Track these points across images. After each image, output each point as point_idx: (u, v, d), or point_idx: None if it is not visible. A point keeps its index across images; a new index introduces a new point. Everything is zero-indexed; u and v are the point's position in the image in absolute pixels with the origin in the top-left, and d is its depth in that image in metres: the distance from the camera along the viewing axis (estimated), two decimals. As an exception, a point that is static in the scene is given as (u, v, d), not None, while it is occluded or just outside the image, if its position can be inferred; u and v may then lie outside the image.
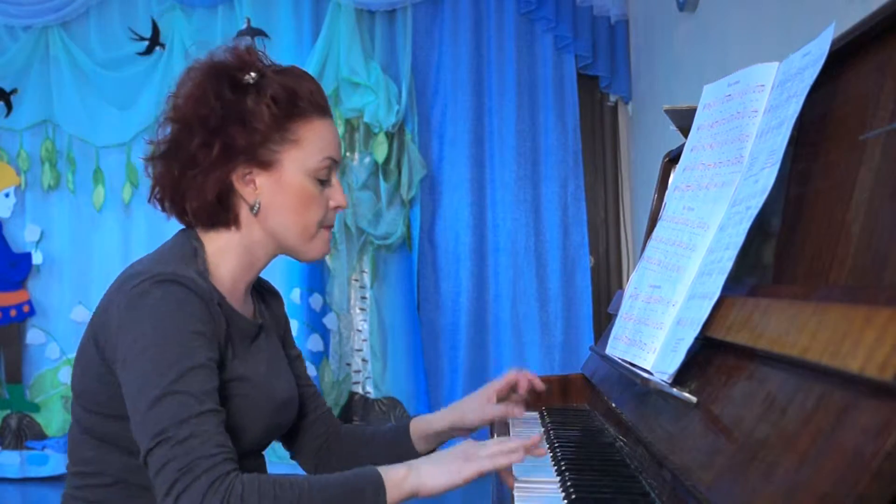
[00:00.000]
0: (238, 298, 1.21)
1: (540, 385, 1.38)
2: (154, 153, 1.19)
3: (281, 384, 1.25)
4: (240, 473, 0.99)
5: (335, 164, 1.21)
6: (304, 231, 1.19)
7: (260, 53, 1.21)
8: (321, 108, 1.20)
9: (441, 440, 1.38)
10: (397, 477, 1.03)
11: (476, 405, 1.35)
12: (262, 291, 1.35)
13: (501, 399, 1.37)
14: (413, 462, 1.07)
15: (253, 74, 1.16)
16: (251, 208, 1.17)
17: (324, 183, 1.20)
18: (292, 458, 1.44)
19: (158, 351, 1.02)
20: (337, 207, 1.22)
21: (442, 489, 1.05)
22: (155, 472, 0.98)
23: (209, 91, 1.14)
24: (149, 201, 1.22)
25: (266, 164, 1.16)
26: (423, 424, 1.37)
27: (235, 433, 1.09)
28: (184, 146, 1.16)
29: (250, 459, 1.22)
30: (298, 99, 1.17)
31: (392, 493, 1.02)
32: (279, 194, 1.17)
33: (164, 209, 1.22)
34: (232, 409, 1.10)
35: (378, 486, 1.02)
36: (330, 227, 1.23)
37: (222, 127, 1.14)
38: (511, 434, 1.42)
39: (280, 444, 1.43)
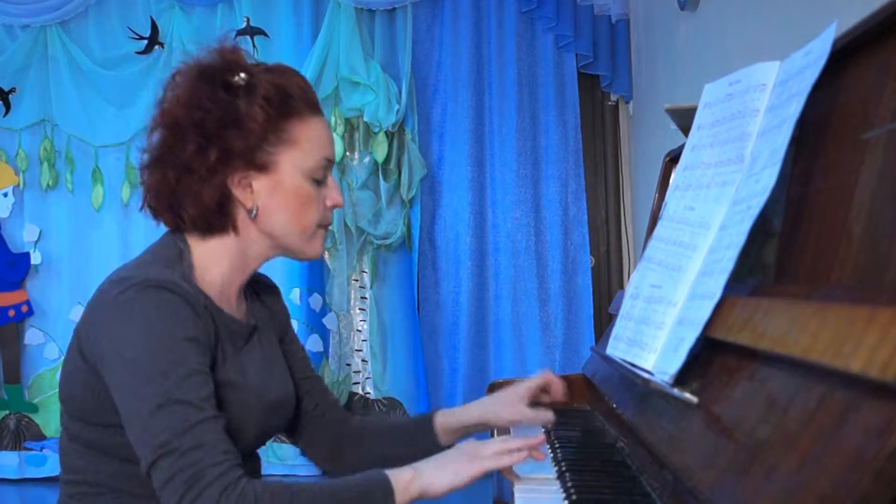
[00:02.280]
0: (229, 301, 1.19)
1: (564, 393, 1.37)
2: (147, 160, 1.16)
3: (274, 385, 1.23)
4: (250, 479, 0.98)
5: (330, 163, 1.20)
6: (303, 232, 1.18)
7: (244, 52, 1.18)
8: (314, 105, 1.18)
9: (467, 434, 1.36)
10: (404, 480, 1.04)
11: (510, 403, 1.34)
12: (257, 289, 1.33)
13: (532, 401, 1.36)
14: (417, 465, 1.07)
15: (242, 75, 1.13)
16: (249, 212, 1.15)
17: (319, 182, 1.18)
18: (302, 454, 1.42)
19: (151, 359, 1.01)
20: (334, 206, 1.21)
21: (446, 490, 1.05)
22: (161, 485, 0.97)
23: (201, 95, 1.12)
24: (141, 209, 1.20)
25: (263, 167, 1.14)
26: (449, 418, 1.35)
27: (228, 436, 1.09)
28: (178, 153, 1.12)
29: (245, 461, 1.21)
30: (290, 98, 1.14)
31: (400, 496, 1.03)
32: (277, 196, 1.15)
33: (156, 216, 1.19)
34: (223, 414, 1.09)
35: (387, 488, 1.02)
36: (328, 226, 1.22)
37: (218, 131, 1.11)
38: (512, 433, 1.41)
39: (279, 445, 1.43)
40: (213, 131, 1.11)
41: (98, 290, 1.11)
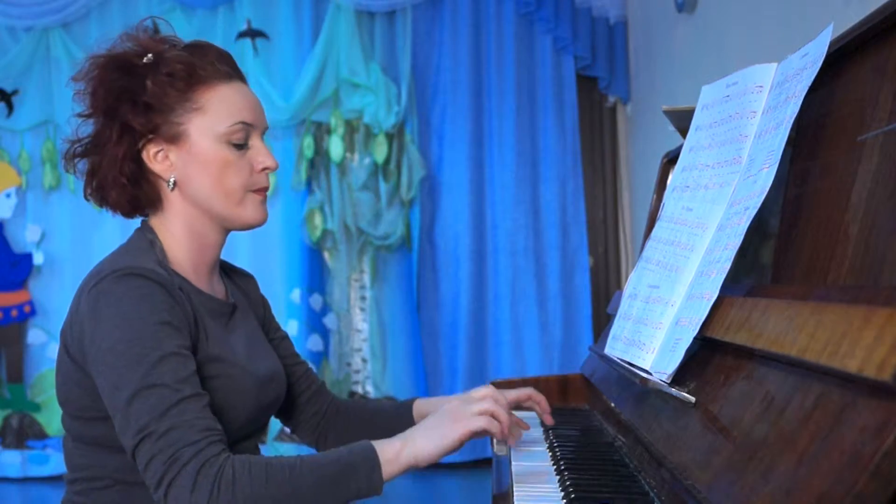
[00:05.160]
0: (204, 281, 1.21)
1: (549, 420, 1.37)
2: (73, 152, 1.20)
3: (261, 361, 1.24)
4: (230, 455, 0.99)
5: (250, 127, 1.19)
6: (228, 197, 1.18)
7: (164, 36, 1.22)
8: (225, 73, 1.19)
9: None
10: (392, 451, 1.04)
11: None
12: (231, 275, 1.35)
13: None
14: (406, 433, 1.07)
15: (150, 56, 1.16)
16: (167, 184, 1.17)
17: (242, 147, 1.18)
18: (292, 432, 1.46)
19: (126, 347, 1.02)
20: (265, 169, 1.20)
21: (437, 456, 1.05)
22: (143, 468, 0.99)
23: (109, 80, 1.16)
24: (86, 199, 1.23)
25: (173, 138, 1.16)
26: (427, 408, 1.36)
27: (223, 415, 1.10)
28: (92, 139, 1.18)
29: (247, 442, 1.22)
30: (197, 68, 1.16)
31: (388, 468, 1.03)
32: (193, 165, 1.16)
33: (101, 205, 1.22)
34: (214, 392, 1.10)
35: (373, 462, 1.02)
36: (261, 190, 1.21)
37: (115, 110, 1.15)
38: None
39: (279, 444, 1.44)
40: (112, 110, 1.15)
41: (78, 289, 1.13)
